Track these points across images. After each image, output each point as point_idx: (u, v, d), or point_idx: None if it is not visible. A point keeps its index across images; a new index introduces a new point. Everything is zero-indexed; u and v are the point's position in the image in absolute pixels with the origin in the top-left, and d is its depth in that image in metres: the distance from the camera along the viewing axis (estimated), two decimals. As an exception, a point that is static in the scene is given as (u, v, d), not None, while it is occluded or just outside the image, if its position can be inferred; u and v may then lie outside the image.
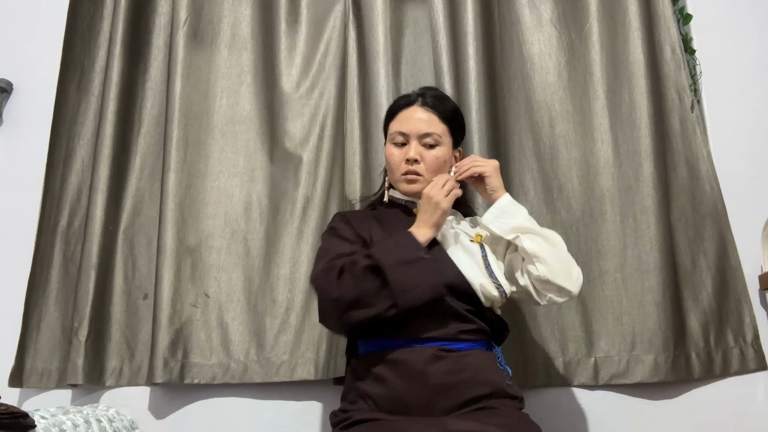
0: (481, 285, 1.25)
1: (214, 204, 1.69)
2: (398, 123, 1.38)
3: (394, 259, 1.16)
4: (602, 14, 1.75)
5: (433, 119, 1.36)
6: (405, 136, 1.36)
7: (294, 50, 1.83)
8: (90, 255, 1.61)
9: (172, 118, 1.69)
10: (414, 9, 1.84)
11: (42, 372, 1.62)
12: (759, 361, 1.54)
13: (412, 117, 1.36)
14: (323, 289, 1.19)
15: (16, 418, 1.13)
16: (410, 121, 1.36)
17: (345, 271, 1.17)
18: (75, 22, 1.87)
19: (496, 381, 1.19)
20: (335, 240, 1.31)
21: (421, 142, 1.35)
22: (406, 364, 1.17)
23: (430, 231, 1.24)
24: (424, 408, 1.14)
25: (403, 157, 1.35)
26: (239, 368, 1.57)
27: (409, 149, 1.35)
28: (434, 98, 1.39)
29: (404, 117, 1.38)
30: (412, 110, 1.37)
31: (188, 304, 1.60)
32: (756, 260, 1.62)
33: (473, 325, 1.23)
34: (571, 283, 1.26)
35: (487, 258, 1.30)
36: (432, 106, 1.37)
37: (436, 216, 1.24)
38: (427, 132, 1.35)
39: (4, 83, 1.86)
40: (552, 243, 1.28)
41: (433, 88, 1.46)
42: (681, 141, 1.67)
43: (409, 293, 1.14)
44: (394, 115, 1.41)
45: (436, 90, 1.45)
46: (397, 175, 1.37)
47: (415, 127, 1.35)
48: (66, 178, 1.75)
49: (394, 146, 1.38)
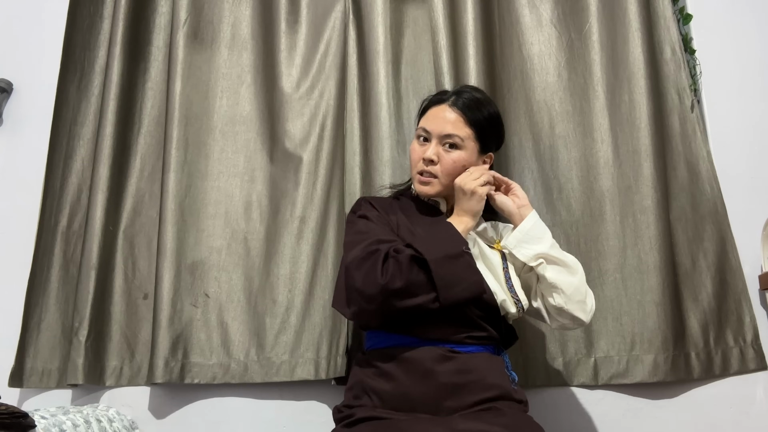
0: (502, 300, 1.25)
1: (214, 204, 1.69)
2: (425, 119, 1.36)
3: (438, 253, 1.15)
4: (602, 14, 1.75)
5: (459, 121, 1.32)
6: (428, 133, 1.33)
7: (294, 50, 1.83)
8: (90, 255, 1.61)
9: (172, 118, 1.69)
10: (414, 9, 1.84)
11: (42, 372, 1.62)
12: (759, 361, 1.54)
13: (438, 115, 1.33)
14: (367, 273, 1.14)
15: (16, 418, 1.13)
16: (436, 120, 1.33)
17: (390, 258, 1.15)
18: (75, 22, 1.87)
19: (503, 384, 1.19)
20: (371, 224, 1.27)
21: (442, 142, 1.32)
22: (413, 362, 1.17)
23: (470, 220, 1.25)
24: (430, 406, 1.14)
25: (421, 155, 1.33)
26: (239, 368, 1.57)
27: (428, 148, 1.32)
28: (468, 100, 1.33)
29: (432, 114, 1.35)
30: (441, 108, 1.34)
31: (188, 304, 1.60)
32: (756, 260, 1.62)
33: (484, 333, 1.23)
34: (585, 314, 1.27)
35: (508, 270, 1.29)
36: (462, 107, 1.32)
37: (472, 203, 1.24)
38: (449, 133, 1.31)
39: (4, 83, 1.86)
40: (573, 272, 1.26)
41: (474, 90, 1.40)
42: (681, 141, 1.67)
43: (453, 290, 1.14)
44: (426, 110, 1.38)
45: (475, 92, 1.38)
46: (413, 172, 1.36)
47: (439, 127, 1.32)
48: (66, 178, 1.75)
49: (417, 141, 1.36)
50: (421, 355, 1.17)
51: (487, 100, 1.39)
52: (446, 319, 1.21)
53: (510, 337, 1.34)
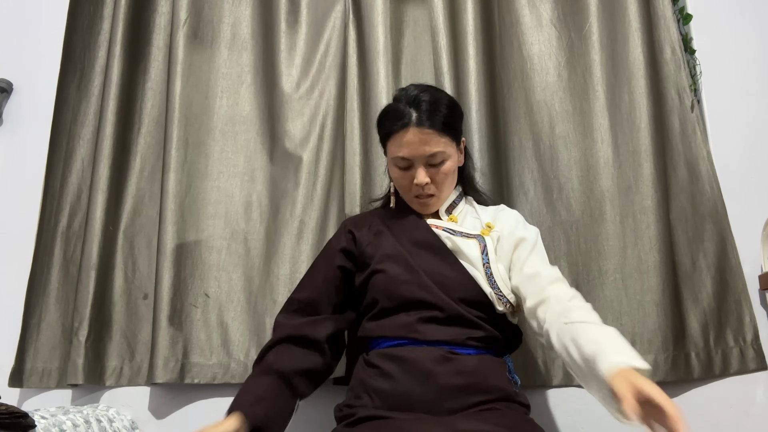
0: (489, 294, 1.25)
1: (214, 204, 1.69)
2: (397, 147, 1.28)
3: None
4: (602, 14, 1.75)
5: (433, 137, 1.26)
6: (408, 161, 1.28)
7: (294, 50, 1.83)
8: (90, 255, 1.61)
9: (172, 118, 1.69)
10: (414, 9, 1.84)
11: (42, 372, 1.62)
12: (759, 361, 1.54)
13: (412, 141, 1.25)
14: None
15: (16, 418, 1.13)
16: (411, 146, 1.26)
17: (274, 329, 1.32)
18: (75, 22, 1.87)
19: (504, 387, 1.18)
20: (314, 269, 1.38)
21: (427, 163, 1.28)
22: (413, 363, 1.17)
23: None
24: (430, 407, 1.14)
25: (410, 181, 1.29)
26: (239, 368, 1.57)
27: (416, 173, 1.28)
28: (429, 110, 1.25)
29: (403, 141, 1.26)
30: (410, 133, 1.25)
31: (188, 304, 1.60)
32: (756, 260, 1.62)
33: (483, 333, 1.23)
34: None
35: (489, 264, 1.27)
36: (429, 122, 1.25)
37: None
38: (433, 152, 1.26)
39: (4, 83, 1.86)
40: None
41: (421, 91, 1.29)
42: (681, 141, 1.67)
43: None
44: (390, 136, 1.30)
45: (424, 93, 1.28)
46: (409, 197, 1.35)
47: (418, 151, 1.26)
48: (66, 178, 1.75)
49: (399, 169, 1.31)
50: (421, 356, 1.18)
51: (435, 91, 1.32)
52: (445, 321, 1.21)
53: (514, 339, 1.33)
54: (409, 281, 1.25)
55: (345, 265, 1.35)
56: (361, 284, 1.32)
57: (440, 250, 1.29)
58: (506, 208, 1.42)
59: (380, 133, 1.36)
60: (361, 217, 1.45)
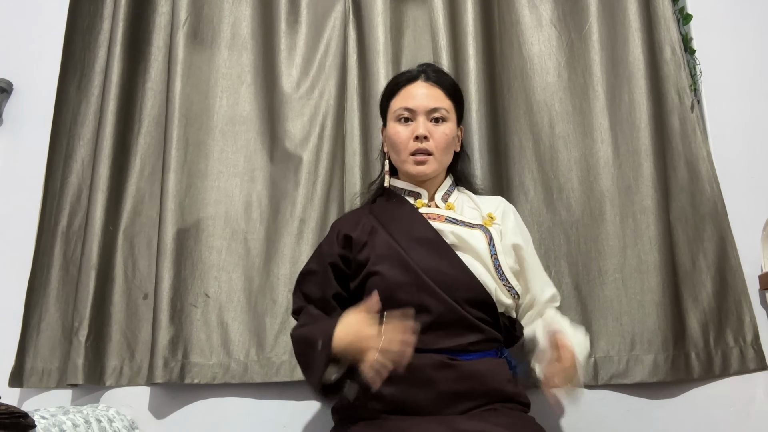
0: (494, 290, 1.22)
1: (214, 204, 1.69)
2: (402, 99, 1.32)
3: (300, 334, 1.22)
4: (602, 14, 1.75)
5: (439, 94, 1.31)
6: (411, 112, 1.30)
7: (294, 50, 1.83)
8: (90, 255, 1.61)
9: (172, 118, 1.69)
10: (414, 9, 1.84)
11: (42, 372, 1.62)
12: (759, 361, 1.54)
13: (418, 92, 1.31)
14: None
15: (16, 418, 1.13)
16: (416, 97, 1.30)
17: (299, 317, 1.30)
18: (75, 22, 1.87)
19: (505, 389, 1.18)
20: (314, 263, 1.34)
21: (429, 117, 1.29)
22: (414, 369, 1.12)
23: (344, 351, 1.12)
24: (429, 411, 1.14)
25: (411, 135, 1.29)
26: (239, 368, 1.57)
27: (418, 126, 1.28)
28: (436, 73, 1.35)
29: (408, 93, 1.32)
30: (417, 86, 1.32)
31: (188, 304, 1.60)
32: (756, 260, 1.62)
33: (485, 335, 1.21)
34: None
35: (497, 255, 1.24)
36: (436, 81, 1.33)
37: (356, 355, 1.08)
38: (435, 107, 1.30)
39: (4, 83, 1.86)
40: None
41: (431, 64, 1.41)
42: (681, 141, 1.67)
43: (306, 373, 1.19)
44: (396, 92, 1.35)
45: (435, 65, 1.41)
46: (404, 155, 1.31)
47: (422, 102, 1.30)
48: (66, 178, 1.75)
49: (399, 124, 1.31)
50: (421, 362, 1.14)
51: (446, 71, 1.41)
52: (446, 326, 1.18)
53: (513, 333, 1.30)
54: (406, 284, 1.19)
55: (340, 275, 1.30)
56: (357, 288, 1.27)
57: (439, 246, 1.24)
58: (505, 203, 1.42)
59: (384, 96, 1.39)
60: (351, 216, 1.40)
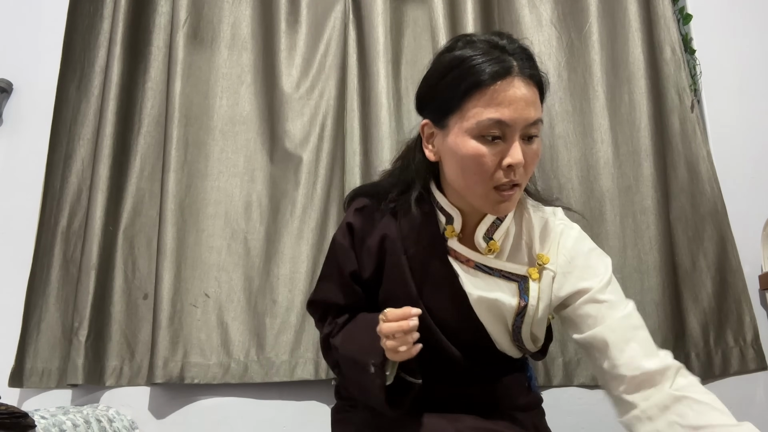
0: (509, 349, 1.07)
1: (214, 204, 1.69)
2: (491, 104, 0.89)
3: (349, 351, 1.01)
4: (602, 14, 1.75)
5: (535, 96, 0.92)
6: (504, 127, 0.89)
7: (294, 50, 1.83)
8: (90, 255, 1.61)
9: (172, 118, 1.69)
10: (414, 9, 1.84)
11: (42, 372, 1.62)
12: (759, 361, 1.54)
13: (515, 96, 0.89)
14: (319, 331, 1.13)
15: (16, 418, 1.13)
16: (513, 104, 0.89)
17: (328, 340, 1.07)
18: (75, 22, 1.87)
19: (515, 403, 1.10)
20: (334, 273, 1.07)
21: (523, 134, 0.91)
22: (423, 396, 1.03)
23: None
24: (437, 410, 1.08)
25: (498, 160, 0.91)
26: (239, 368, 1.57)
27: (511, 149, 0.90)
28: (530, 61, 0.93)
29: (502, 96, 0.89)
30: (511, 84, 0.89)
31: (188, 304, 1.60)
32: (756, 260, 1.62)
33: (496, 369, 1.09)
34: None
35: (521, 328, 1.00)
36: (531, 75, 0.91)
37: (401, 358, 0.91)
38: (535, 118, 0.91)
39: (4, 83, 1.86)
40: None
41: (518, 43, 0.95)
42: (681, 141, 1.67)
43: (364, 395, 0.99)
44: (477, 88, 0.90)
45: (522, 44, 0.95)
46: (485, 188, 0.93)
47: (522, 115, 0.89)
48: (66, 178, 1.75)
49: (482, 142, 0.90)
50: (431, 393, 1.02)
51: None
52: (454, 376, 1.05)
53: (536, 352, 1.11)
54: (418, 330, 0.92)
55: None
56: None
57: (455, 299, 1.02)
58: (567, 228, 1.05)
59: (449, 85, 0.93)
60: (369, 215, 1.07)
